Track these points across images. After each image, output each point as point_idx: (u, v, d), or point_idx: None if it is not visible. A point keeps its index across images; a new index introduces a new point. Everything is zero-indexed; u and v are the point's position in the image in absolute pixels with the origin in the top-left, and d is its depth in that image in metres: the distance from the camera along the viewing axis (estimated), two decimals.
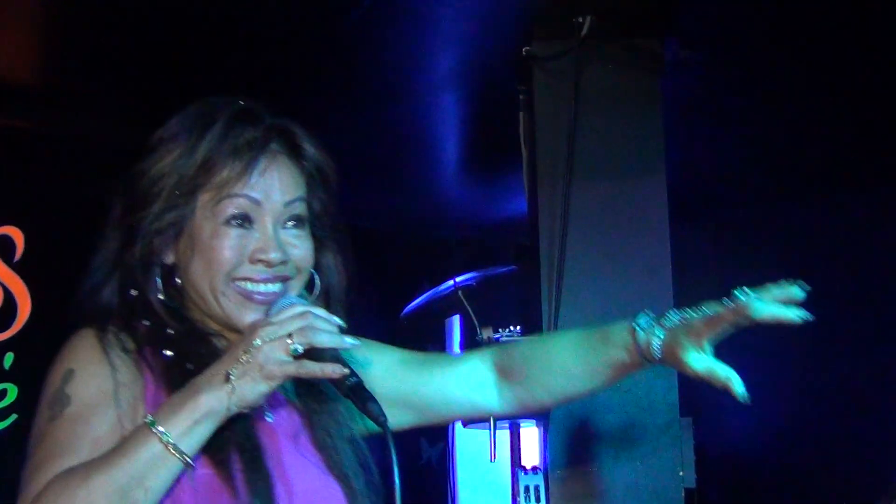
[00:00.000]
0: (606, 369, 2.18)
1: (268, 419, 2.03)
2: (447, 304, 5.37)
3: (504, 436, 5.12)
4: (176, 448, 1.82)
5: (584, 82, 4.24)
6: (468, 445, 6.58)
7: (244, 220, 2.02)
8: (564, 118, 4.22)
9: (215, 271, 2.01)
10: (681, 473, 4.01)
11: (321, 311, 1.91)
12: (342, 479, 2.06)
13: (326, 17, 4.36)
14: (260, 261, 2.01)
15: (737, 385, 1.98)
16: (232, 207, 2.01)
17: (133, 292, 2.04)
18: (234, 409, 1.87)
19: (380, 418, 1.88)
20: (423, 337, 7.06)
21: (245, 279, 2.01)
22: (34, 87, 5.11)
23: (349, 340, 1.89)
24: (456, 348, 6.25)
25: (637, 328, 2.10)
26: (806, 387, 6.20)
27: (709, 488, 4.25)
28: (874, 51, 4.63)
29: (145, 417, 1.84)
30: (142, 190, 2.02)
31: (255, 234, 2.02)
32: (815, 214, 6.26)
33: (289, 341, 1.85)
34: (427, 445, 6.84)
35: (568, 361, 2.23)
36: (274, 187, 2.04)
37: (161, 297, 2.04)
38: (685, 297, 4.27)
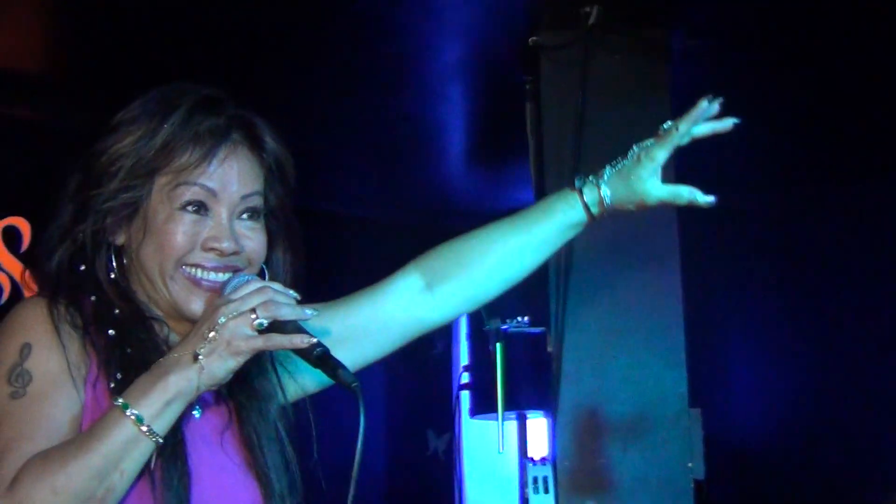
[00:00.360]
0: (551, 236, 2.24)
1: (195, 415, 2.02)
2: None
3: (511, 427, 5.13)
4: (149, 430, 1.83)
5: (592, 72, 4.22)
6: (475, 436, 6.58)
7: (199, 207, 2.02)
8: (571, 108, 4.21)
9: (167, 255, 2.01)
10: (690, 465, 4.00)
11: (278, 286, 1.93)
12: (262, 478, 2.05)
13: (333, 6, 4.35)
14: (212, 249, 2.02)
15: (700, 195, 2.13)
16: (188, 194, 2.01)
17: (82, 267, 2.03)
18: (203, 388, 1.88)
19: (352, 384, 1.89)
20: None
21: (195, 265, 2.02)
22: (39, 77, 5.10)
23: (308, 311, 1.91)
24: (463, 340, 6.22)
25: (582, 188, 2.20)
26: (817, 377, 6.18)
27: (718, 480, 4.23)
28: (884, 39, 4.60)
29: (115, 400, 1.84)
30: (99, 168, 2.02)
31: (209, 221, 2.03)
32: (825, 203, 6.24)
33: (252, 316, 1.87)
34: (434, 436, 6.83)
35: (508, 241, 2.25)
36: (232, 178, 2.04)
37: (113, 275, 2.04)
38: (693, 286, 4.28)
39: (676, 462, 4.00)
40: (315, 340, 1.89)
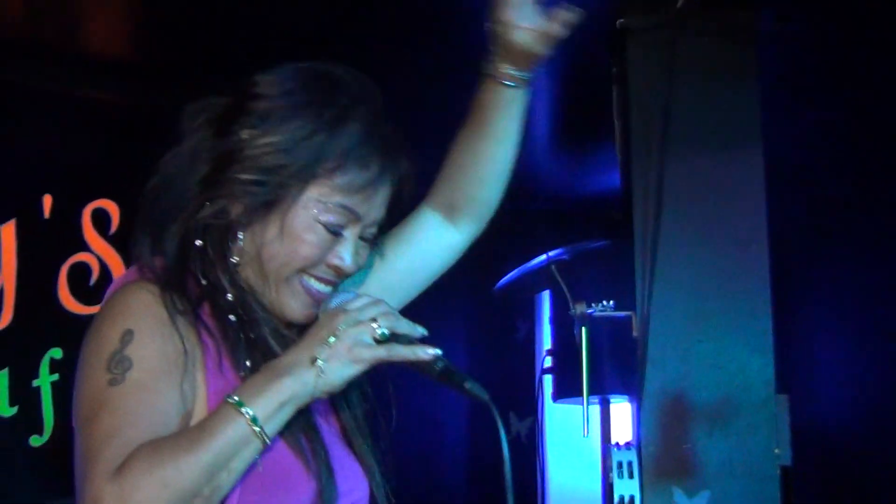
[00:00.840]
0: (503, 119, 2.23)
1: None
2: (539, 279, 5.35)
3: (595, 411, 5.12)
4: (261, 430, 1.79)
5: (679, 55, 4.19)
6: (557, 420, 6.57)
7: (339, 228, 1.99)
8: (658, 92, 4.18)
9: (294, 261, 1.97)
10: (776, 451, 3.97)
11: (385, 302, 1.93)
12: (361, 458, 2.05)
13: None
14: (335, 267, 2.00)
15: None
16: (338, 216, 1.97)
17: (198, 243, 1.99)
18: (318, 394, 1.86)
19: (482, 397, 1.87)
20: (515, 312, 7.06)
21: (313, 277, 2.00)
22: (127, 61, 5.16)
23: (420, 329, 1.90)
24: (546, 325, 6.21)
25: (483, 69, 2.21)
26: None
27: (805, 467, 4.20)
28: None
29: (229, 397, 1.80)
30: (250, 154, 1.96)
31: (342, 241, 2.00)
32: None
33: (374, 325, 1.85)
34: (516, 420, 6.83)
35: (481, 144, 2.25)
36: (376, 206, 2.02)
37: (235, 260, 2.00)
38: (781, 271, 4.24)
39: (763, 448, 3.96)
40: (439, 353, 1.87)
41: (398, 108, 2.07)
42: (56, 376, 5.00)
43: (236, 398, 1.80)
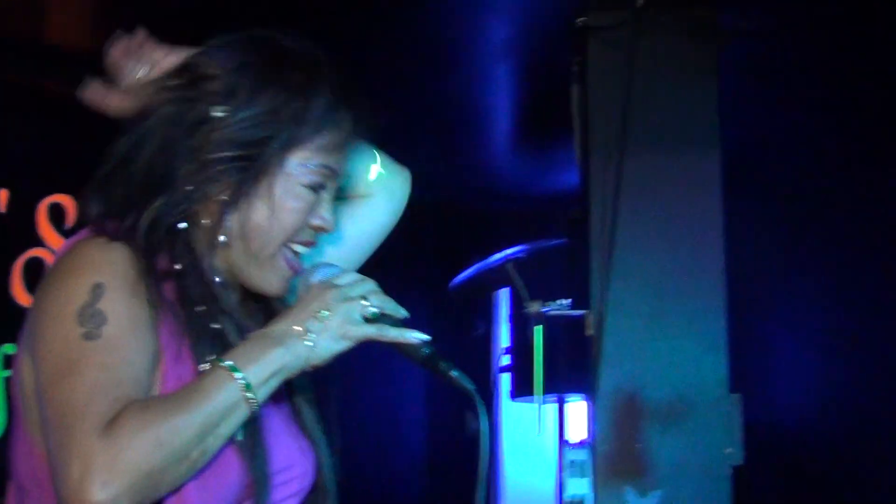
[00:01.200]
0: None
1: None
2: (496, 277, 5.36)
3: (552, 410, 5.12)
4: (252, 397, 1.77)
5: (639, 53, 4.19)
6: (516, 418, 6.57)
7: (321, 188, 1.97)
8: (618, 89, 4.18)
9: (280, 233, 1.94)
10: (728, 450, 3.98)
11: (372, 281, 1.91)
12: (313, 444, 2.03)
13: None
14: (317, 227, 1.99)
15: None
16: (319, 176, 1.96)
17: (183, 225, 1.93)
18: (306, 367, 1.84)
19: (467, 387, 1.87)
20: (471, 309, 7.06)
21: (301, 243, 1.98)
22: (86, 53, 5.11)
23: (402, 310, 1.89)
24: (504, 322, 6.22)
25: None
26: (861, 362, 6.12)
27: (758, 466, 4.20)
28: None
29: (222, 361, 1.77)
30: (233, 128, 1.92)
31: (320, 201, 1.98)
32: (871, 188, 6.17)
33: (365, 303, 1.85)
34: (473, 418, 6.82)
35: None
36: (345, 161, 2.02)
37: (222, 239, 1.95)
38: (736, 270, 4.25)
39: (715, 447, 3.97)
40: (427, 338, 1.87)
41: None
42: (9, 372, 4.95)
43: (230, 362, 1.77)
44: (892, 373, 5.94)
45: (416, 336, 1.86)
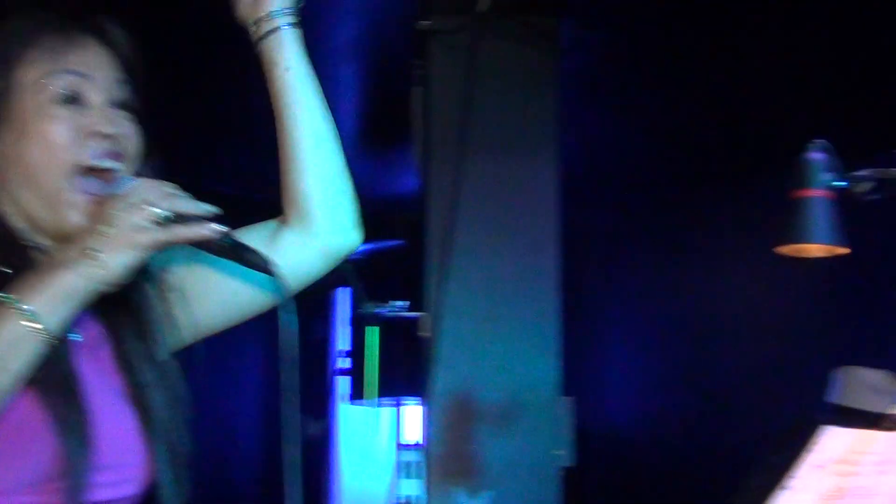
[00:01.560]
0: (282, 92, 2.11)
1: (75, 338, 1.85)
2: (334, 276, 5.31)
3: (389, 413, 5.12)
4: (42, 327, 1.68)
5: (481, 58, 4.21)
6: (354, 422, 6.55)
7: (74, 99, 1.86)
8: (459, 94, 4.19)
9: (56, 159, 1.84)
10: (558, 452, 4.02)
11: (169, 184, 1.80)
12: (140, 406, 1.90)
13: None
14: (95, 133, 1.86)
15: None
16: (64, 82, 1.86)
17: None
18: (101, 287, 1.74)
19: (268, 267, 1.80)
20: (309, 307, 7.01)
21: (91, 160, 1.85)
22: None
23: (208, 206, 1.79)
24: (341, 325, 6.20)
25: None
26: (690, 368, 6.24)
27: (594, 468, 4.26)
28: (777, 29, 4.62)
29: (3, 296, 1.69)
30: None
31: (87, 110, 1.87)
32: (701, 199, 6.29)
33: (151, 208, 1.74)
34: (311, 421, 6.79)
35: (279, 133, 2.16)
36: (100, 68, 1.90)
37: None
38: (575, 277, 4.30)
39: (545, 449, 4.02)
40: (225, 230, 1.77)
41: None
42: None
43: (10, 296, 1.69)
44: (719, 378, 6.08)
45: (210, 228, 1.76)
